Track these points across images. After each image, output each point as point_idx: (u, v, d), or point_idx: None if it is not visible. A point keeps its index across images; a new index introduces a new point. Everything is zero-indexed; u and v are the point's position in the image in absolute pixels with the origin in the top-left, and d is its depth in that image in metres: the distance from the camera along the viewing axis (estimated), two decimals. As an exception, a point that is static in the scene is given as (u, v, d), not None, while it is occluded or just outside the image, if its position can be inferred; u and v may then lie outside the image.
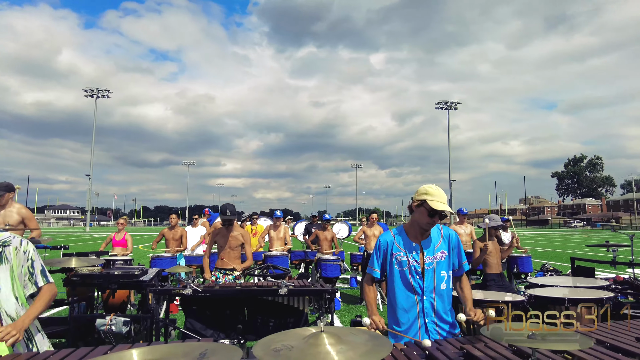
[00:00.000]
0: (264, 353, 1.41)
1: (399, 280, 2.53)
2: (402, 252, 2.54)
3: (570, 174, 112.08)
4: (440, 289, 2.51)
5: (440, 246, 2.56)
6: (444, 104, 54.99)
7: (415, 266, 2.50)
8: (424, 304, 2.49)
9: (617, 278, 7.73)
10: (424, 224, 2.50)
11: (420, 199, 2.49)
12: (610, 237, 9.10)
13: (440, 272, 2.52)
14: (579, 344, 1.46)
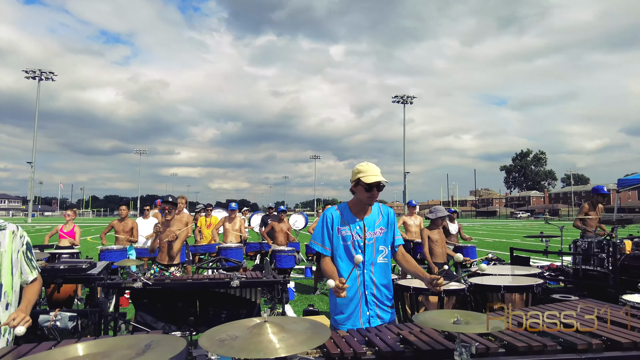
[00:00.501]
0: (210, 343, 1.48)
1: (343, 254, 2.68)
2: (346, 227, 2.68)
3: (517, 167, 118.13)
4: (378, 262, 2.69)
5: (380, 223, 2.74)
6: (400, 97, 56.18)
7: (358, 240, 2.66)
8: (364, 276, 2.65)
9: (551, 265, 8.36)
10: (365, 199, 2.66)
11: (355, 179, 2.67)
12: (544, 228, 9.80)
13: (379, 247, 2.70)
14: (493, 327, 1.63)
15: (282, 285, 4.29)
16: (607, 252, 5.81)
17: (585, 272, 6.17)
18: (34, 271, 2.42)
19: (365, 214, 2.73)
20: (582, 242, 6.29)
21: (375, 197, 2.67)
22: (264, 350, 1.39)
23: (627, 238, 6.09)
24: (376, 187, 2.62)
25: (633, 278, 5.61)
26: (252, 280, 4.31)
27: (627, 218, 6.41)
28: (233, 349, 1.42)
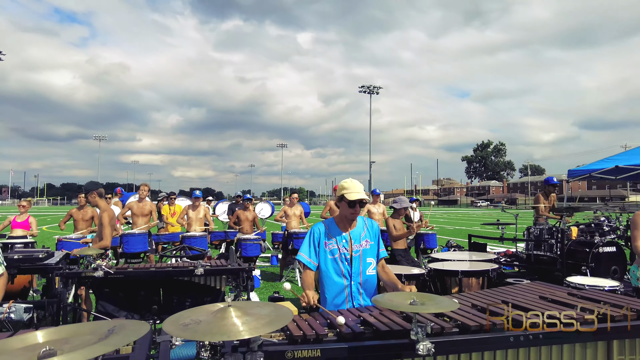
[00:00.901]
0: (173, 328, 1.50)
1: (330, 267, 2.78)
2: (333, 242, 2.79)
3: (478, 158, 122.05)
4: (367, 274, 2.81)
5: (366, 235, 2.86)
6: (367, 87, 56.57)
7: (345, 253, 2.77)
8: (351, 288, 2.77)
9: (507, 252, 8.79)
10: (349, 214, 2.77)
11: (339, 195, 2.80)
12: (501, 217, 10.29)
13: (366, 259, 2.82)
14: (446, 306, 1.74)
15: (247, 273, 4.32)
16: (556, 239, 6.18)
17: (537, 257, 6.53)
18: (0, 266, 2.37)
19: (351, 227, 2.84)
20: (534, 229, 6.64)
21: (357, 213, 2.78)
22: (228, 333, 1.43)
23: (574, 225, 6.49)
24: (359, 203, 2.74)
25: (578, 262, 6.00)
26: (217, 268, 4.31)
27: (575, 206, 6.82)
28: (197, 332, 1.45)
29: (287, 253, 8.17)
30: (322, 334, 1.88)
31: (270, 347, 1.76)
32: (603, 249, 5.94)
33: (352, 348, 1.81)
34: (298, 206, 8.80)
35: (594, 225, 6.33)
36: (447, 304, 1.76)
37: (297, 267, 8.13)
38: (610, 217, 6.49)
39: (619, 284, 3.74)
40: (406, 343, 1.84)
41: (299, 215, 8.64)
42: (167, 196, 10.57)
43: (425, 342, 1.78)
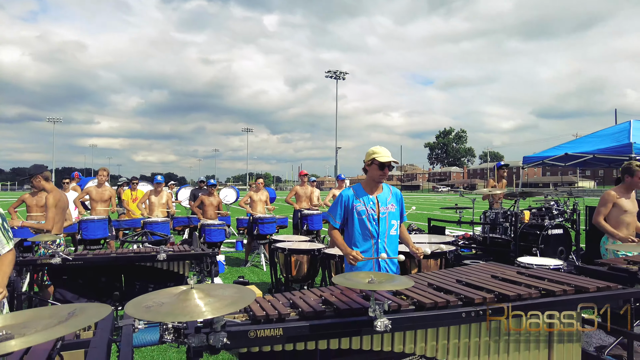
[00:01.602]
0: (135, 310, 1.51)
1: (358, 227, 3.07)
2: (361, 204, 3.07)
3: (440, 144, 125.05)
4: (391, 234, 3.11)
5: (391, 200, 3.15)
6: (333, 73, 56.43)
7: (372, 214, 3.06)
8: (378, 245, 3.06)
9: (465, 235, 9.16)
10: (377, 176, 3.06)
11: (370, 159, 3.05)
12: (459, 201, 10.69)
13: (391, 221, 3.11)
14: (401, 284, 1.83)
15: (211, 258, 4.32)
16: (510, 222, 6.50)
17: (492, 239, 6.86)
18: (10, 242, 2.38)
19: (377, 191, 3.13)
20: (490, 213, 6.96)
21: (386, 175, 3.06)
22: (190, 314, 1.46)
23: (527, 209, 6.85)
24: (387, 166, 3.03)
25: (529, 244, 6.36)
26: (180, 254, 4.28)
27: (528, 191, 7.19)
28: (160, 314, 1.48)
29: (252, 238, 8.18)
30: (285, 313, 1.94)
31: (233, 327, 1.80)
32: (552, 231, 6.32)
33: (313, 326, 1.88)
34: (264, 191, 8.79)
35: (544, 209, 6.70)
36: (402, 282, 1.85)
37: (262, 252, 8.15)
38: (559, 202, 6.89)
39: (562, 263, 4.02)
40: (365, 320, 1.94)
41: (264, 200, 8.63)
42: (128, 181, 10.27)
43: (382, 319, 1.88)
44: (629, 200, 4.17)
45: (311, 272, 5.17)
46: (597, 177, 74.31)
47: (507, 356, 2.37)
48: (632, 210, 4.14)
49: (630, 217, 4.13)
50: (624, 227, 4.12)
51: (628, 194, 4.17)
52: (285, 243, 5.57)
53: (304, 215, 8.42)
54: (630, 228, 4.15)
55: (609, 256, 4.16)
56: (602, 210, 4.19)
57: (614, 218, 4.16)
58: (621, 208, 4.13)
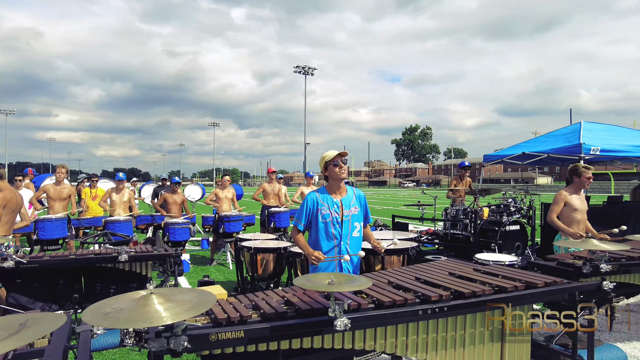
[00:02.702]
0: (93, 317, 1.50)
1: (322, 230, 3.16)
2: (325, 207, 3.17)
3: (406, 141, 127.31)
4: (353, 235, 3.22)
5: (354, 202, 3.27)
6: (301, 68, 56.20)
7: (336, 217, 3.16)
8: (340, 247, 3.17)
9: (428, 230, 9.41)
10: (338, 174, 3.16)
11: (324, 164, 3.20)
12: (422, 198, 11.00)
13: (354, 223, 3.22)
14: (360, 285, 1.89)
15: (174, 258, 4.26)
16: (470, 219, 6.74)
17: (453, 235, 7.10)
18: None
19: (341, 194, 3.24)
20: (451, 209, 7.19)
21: (344, 170, 3.18)
22: (150, 319, 1.46)
23: (486, 206, 7.12)
24: (341, 160, 3.14)
25: (489, 239, 6.62)
26: (142, 254, 4.21)
27: (487, 189, 7.47)
28: (118, 320, 1.47)
29: (217, 236, 8.10)
30: (246, 315, 1.96)
31: (194, 330, 1.81)
32: (509, 227, 6.60)
33: (275, 327, 1.92)
34: (230, 189, 8.71)
35: (503, 207, 6.99)
36: (361, 283, 1.91)
37: (228, 251, 8.10)
38: (517, 199, 7.20)
39: (517, 259, 4.22)
40: (325, 320, 1.99)
41: (230, 198, 8.55)
42: (88, 178, 9.92)
43: (342, 319, 1.93)
44: (579, 199, 4.45)
45: (277, 270, 5.19)
46: (554, 173, 77.73)
47: (462, 350, 2.49)
48: (581, 209, 4.43)
49: (580, 215, 4.42)
50: (574, 224, 4.41)
51: (578, 193, 4.45)
52: (251, 242, 5.56)
53: (272, 213, 8.42)
54: (580, 225, 4.43)
55: (560, 252, 4.42)
56: (554, 208, 4.46)
57: (566, 216, 4.44)
58: (572, 206, 4.41)
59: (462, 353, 2.48)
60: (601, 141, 6.58)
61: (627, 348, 4.00)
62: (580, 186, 4.42)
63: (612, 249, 3.26)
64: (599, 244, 3.31)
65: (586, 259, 3.48)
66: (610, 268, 3.28)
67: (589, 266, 3.21)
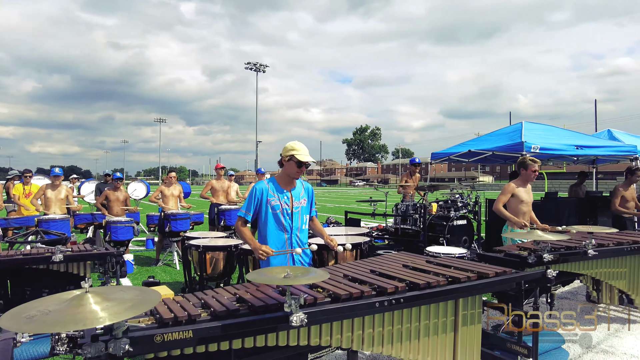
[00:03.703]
0: (13, 322, 1.31)
1: (272, 221, 3.06)
2: (275, 198, 3.06)
3: (357, 141, 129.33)
4: (303, 228, 3.17)
5: (303, 195, 3.19)
6: (253, 65, 55.43)
7: (286, 209, 3.07)
8: (292, 239, 3.09)
9: (379, 226, 9.55)
10: (293, 173, 3.07)
11: (289, 155, 3.03)
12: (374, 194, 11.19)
13: (304, 216, 3.17)
14: (317, 277, 1.82)
15: (116, 258, 3.98)
16: (419, 214, 6.89)
17: (404, 230, 7.22)
18: None
19: (291, 186, 3.14)
20: (401, 205, 7.31)
21: (302, 173, 3.10)
22: (84, 321, 1.29)
23: (434, 201, 7.32)
24: (305, 165, 3.05)
25: (437, 234, 6.80)
26: (79, 254, 3.89)
27: (435, 185, 7.69)
28: (45, 324, 1.29)
29: (163, 236, 7.73)
30: (195, 314, 1.82)
31: (137, 332, 1.65)
32: (457, 222, 6.81)
33: (226, 326, 1.79)
34: (176, 186, 8.34)
35: (450, 202, 7.21)
36: (318, 275, 1.84)
37: (174, 251, 7.75)
38: (463, 195, 7.46)
39: (466, 251, 4.34)
40: (280, 316, 1.89)
41: (177, 195, 8.19)
42: (19, 174, 9.13)
43: (298, 314, 1.85)
44: (526, 191, 4.64)
45: (228, 269, 5.02)
46: (495, 172, 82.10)
47: (417, 342, 2.48)
48: (527, 201, 4.63)
49: (526, 207, 4.62)
50: (520, 215, 4.60)
51: (525, 185, 4.64)
52: (199, 240, 5.34)
53: (221, 211, 8.16)
54: (525, 216, 4.64)
55: (508, 243, 4.61)
56: (502, 198, 4.62)
57: (513, 207, 4.61)
58: (519, 198, 4.58)
59: (417, 345, 2.47)
60: (540, 140, 6.96)
61: (562, 331, 4.22)
62: (527, 178, 4.60)
63: (553, 239, 3.41)
64: (543, 234, 3.45)
65: (530, 250, 3.63)
66: (552, 257, 3.43)
67: (533, 256, 3.34)
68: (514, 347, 3.36)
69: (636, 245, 4.20)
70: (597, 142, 7.89)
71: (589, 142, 7.63)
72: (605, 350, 3.93)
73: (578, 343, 4.07)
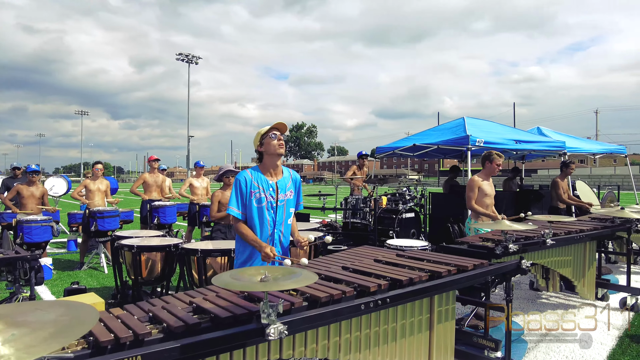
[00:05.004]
0: None
1: (256, 216, 2.74)
2: (260, 190, 2.74)
3: (293, 138, 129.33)
4: (287, 223, 2.86)
5: (290, 186, 2.87)
6: (185, 56, 52.92)
7: (271, 202, 2.75)
8: (274, 236, 2.79)
9: (323, 222, 9.32)
10: (276, 147, 2.74)
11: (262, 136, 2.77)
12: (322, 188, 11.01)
13: (289, 209, 2.85)
14: (305, 279, 1.47)
15: (29, 262, 3.32)
16: (369, 207, 6.74)
17: (353, 224, 7.04)
18: None
19: (277, 176, 2.83)
20: (351, 198, 7.13)
21: (283, 143, 2.78)
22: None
23: (384, 195, 7.22)
24: (279, 131, 2.76)
25: (386, 227, 6.69)
26: (-19, 259, 3.19)
27: (385, 178, 7.60)
28: None
29: (88, 236, 6.88)
30: (144, 332, 1.39)
31: (60, 365, 1.20)
32: (405, 215, 6.74)
33: (187, 346, 1.39)
34: (103, 180, 7.48)
35: (398, 195, 7.14)
36: (305, 277, 1.49)
37: (102, 252, 6.93)
38: (410, 188, 7.44)
39: (427, 244, 4.21)
40: (255, 329, 1.52)
41: (104, 190, 7.34)
42: None
43: (276, 325, 1.49)
44: (489, 185, 4.64)
45: (167, 271, 4.47)
46: (423, 170, 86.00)
47: (394, 344, 2.23)
48: (490, 194, 4.62)
49: (489, 200, 4.61)
50: (484, 208, 4.58)
51: (488, 179, 4.64)
52: (132, 239, 4.72)
53: (155, 207, 7.43)
54: (489, 209, 4.62)
55: (471, 234, 4.57)
56: (471, 195, 4.55)
57: (478, 200, 4.58)
58: (483, 192, 4.56)
59: (394, 347, 2.22)
60: (484, 134, 7.09)
61: (522, 322, 4.23)
62: (490, 172, 4.60)
63: (520, 229, 3.35)
64: (511, 225, 3.37)
65: (494, 240, 3.55)
66: (517, 248, 3.36)
67: (500, 247, 3.24)
68: (481, 341, 3.25)
69: (583, 233, 4.32)
70: (533, 137, 8.26)
71: (525, 137, 7.95)
72: (558, 337, 3.98)
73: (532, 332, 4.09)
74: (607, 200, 10.10)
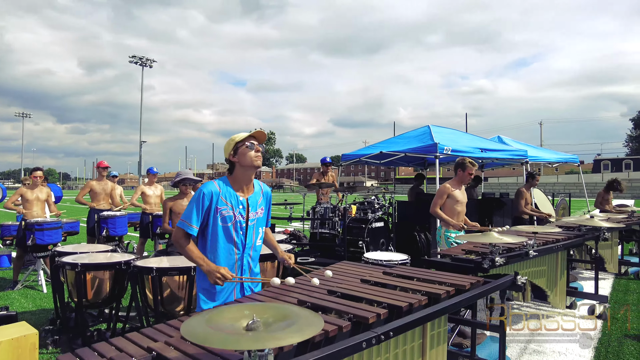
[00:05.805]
0: None
1: (222, 237, 2.36)
2: (228, 207, 2.35)
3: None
4: (257, 244, 2.50)
5: (261, 203, 2.51)
6: (138, 59, 50.93)
7: (240, 221, 2.38)
8: (242, 260, 2.43)
9: (285, 231, 8.94)
10: (253, 159, 2.35)
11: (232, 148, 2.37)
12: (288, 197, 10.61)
13: (259, 228, 2.50)
14: (309, 326, 1.12)
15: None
16: (338, 216, 6.45)
17: (321, 234, 6.72)
18: None
19: (248, 191, 2.45)
20: (319, 207, 6.81)
21: (260, 155, 2.38)
22: None
23: (353, 203, 6.97)
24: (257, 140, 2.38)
25: (355, 237, 6.42)
26: None
27: (354, 186, 7.34)
28: None
29: (24, 251, 6.13)
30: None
31: None
32: (375, 224, 6.51)
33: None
34: (43, 188, 6.74)
35: (367, 204, 6.91)
36: (309, 323, 1.13)
37: (40, 269, 6.19)
38: (378, 197, 7.24)
39: (407, 257, 3.96)
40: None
41: (44, 199, 6.60)
42: None
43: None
44: (460, 192, 4.57)
45: (116, 291, 3.95)
46: (380, 177, 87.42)
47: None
48: (462, 201, 4.56)
49: (460, 207, 4.55)
50: (455, 215, 4.51)
51: (460, 186, 4.54)
52: (75, 256, 4.15)
53: (103, 218, 6.78)
54: (460, 216, 4.57)
55: (442, 244, 4.41)
56: (438, 201, 4.49)
57: (448, 208, 4.51)
58: (454, 199, 4.50)
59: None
60: (450, 142, 7.02)
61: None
62: (463, 180, 4.52)
63: (506, 241, 3.17)
64: (499, 236, 3.18)
65: (477, 253, 3.35)
66: (503, 261, 3.18)
67: (488, 260, 3.04)
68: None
69: (559, 243, 4.25)
70: (497, 146, 8.32)
71: (489, 146, 7.98)
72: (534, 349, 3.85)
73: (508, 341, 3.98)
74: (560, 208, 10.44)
